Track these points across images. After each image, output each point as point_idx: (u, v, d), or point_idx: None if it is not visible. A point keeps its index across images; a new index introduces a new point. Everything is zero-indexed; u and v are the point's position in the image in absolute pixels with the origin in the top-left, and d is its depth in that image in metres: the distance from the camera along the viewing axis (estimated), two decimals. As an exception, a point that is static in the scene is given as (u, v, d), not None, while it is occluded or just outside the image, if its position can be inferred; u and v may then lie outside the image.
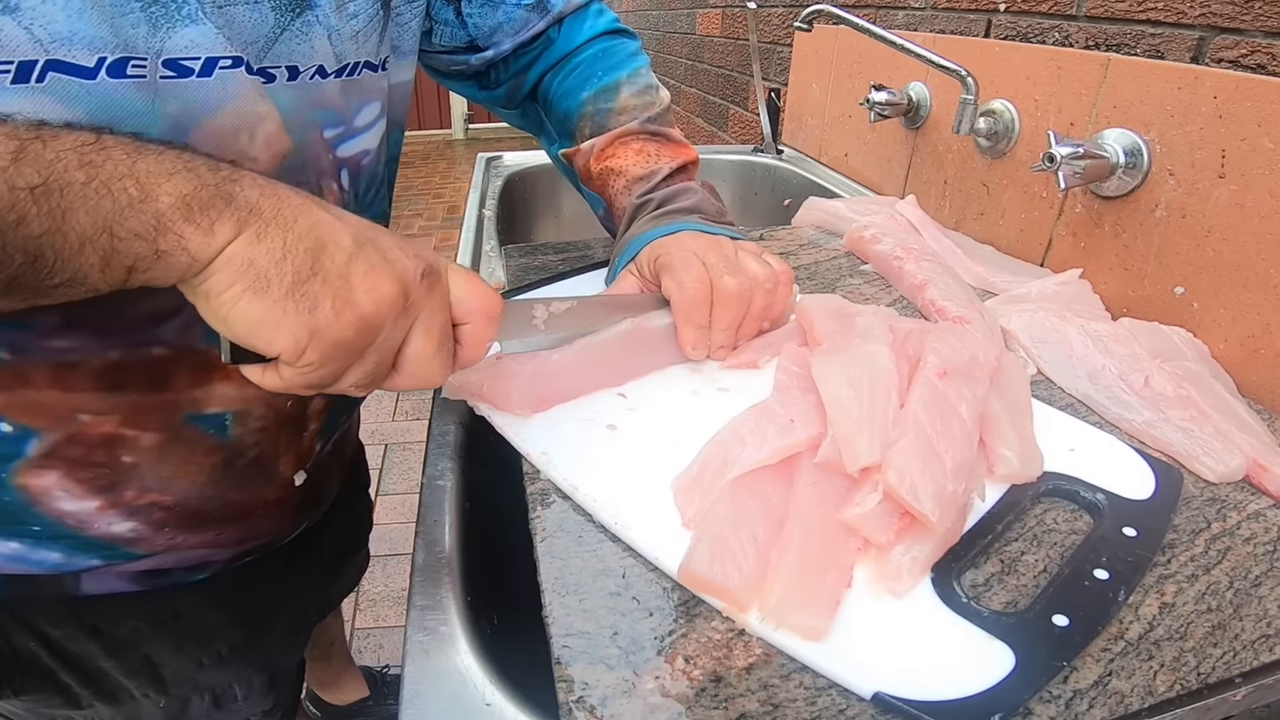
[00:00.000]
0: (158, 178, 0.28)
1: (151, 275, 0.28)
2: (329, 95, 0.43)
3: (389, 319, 0.32)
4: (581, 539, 0.39)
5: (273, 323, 0.29)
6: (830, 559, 0.35)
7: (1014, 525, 0.40)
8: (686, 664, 0.32)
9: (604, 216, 0.65)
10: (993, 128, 0.76)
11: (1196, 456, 0.45)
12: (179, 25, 0.34)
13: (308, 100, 0.42)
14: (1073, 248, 0.70)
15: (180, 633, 0.55)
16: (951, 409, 0.41)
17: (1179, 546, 0.39)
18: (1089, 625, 0.33)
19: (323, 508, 0.63)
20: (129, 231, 0.27)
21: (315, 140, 0.44)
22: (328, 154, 0.45)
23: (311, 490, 0.58)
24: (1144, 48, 0.64)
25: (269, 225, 0.29)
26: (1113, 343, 0.55)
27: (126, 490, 0.45)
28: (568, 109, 0.63)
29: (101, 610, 0.51)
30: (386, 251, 0.32)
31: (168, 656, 0.55)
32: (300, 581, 0.66)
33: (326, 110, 0.44)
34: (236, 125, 0.38)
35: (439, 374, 0.35)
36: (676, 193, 0.58)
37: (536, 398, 0.47)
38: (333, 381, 0.32)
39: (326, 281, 0.30)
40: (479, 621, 0.39)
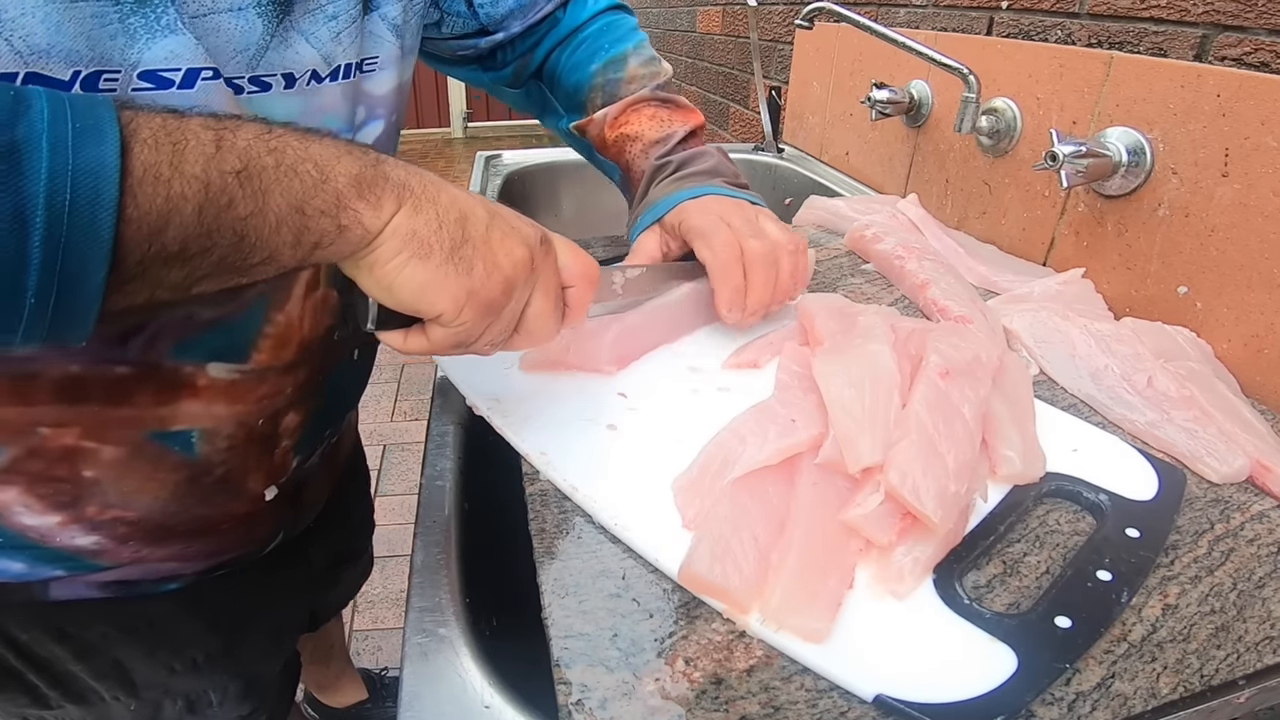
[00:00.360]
0: (330, 160, 0.30)
1: (334, 250, 0.31)
2: (330, 100, 0.43)
3: (522, 279, 0.35)
4: (581, 540, 0.39)
5: (436, 285, 0.33)
6: (832, 560, 0.35)
7: (1016, 526, 0.40)
8: (687, 666, 0.32)
9: (621, 183, 0.66)
10: (995, 126, 0.76)
11: (1200, 457, 0.45)
12: (158, 36, 0.34)
13: (312, 107, 0.42)
14: (1075, 247, 0.70)
15: (152, 639, 0.55)
16: (954, 409, 0.41)
17: (1182, 548, 0.39)
18: (1092, 627, 0.33)
19: (306, 518, 0.63)
20: (316, 210, 0.29)
21: None
22: None
23: (291, 502, 0.57)
24: (1147, 45, 0.64)
25: (421, 199, 0.32)
26: (1116, 343, 0.55)
27: (88, 505, 0.44)
28: (578, 81, 0.64)
29: (70, 615, 0.51)
30: (512, 220, 0.36)
31: (138, 662, 0.55)
32: (282, 591, 0.65)
33: (330, 115, 0.44)
34: None
35: (554, 330, 0.39)
36: (694, 155, 0.59)
37: (621, 355, 0.51)
38: (473, 341, 0.36)
39: (475, 247, 0.34)
40: (478, 623, 0.39)
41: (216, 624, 0.58)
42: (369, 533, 0.90)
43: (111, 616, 0.52)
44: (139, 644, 0.54)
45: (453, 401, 0.55)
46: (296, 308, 0.47)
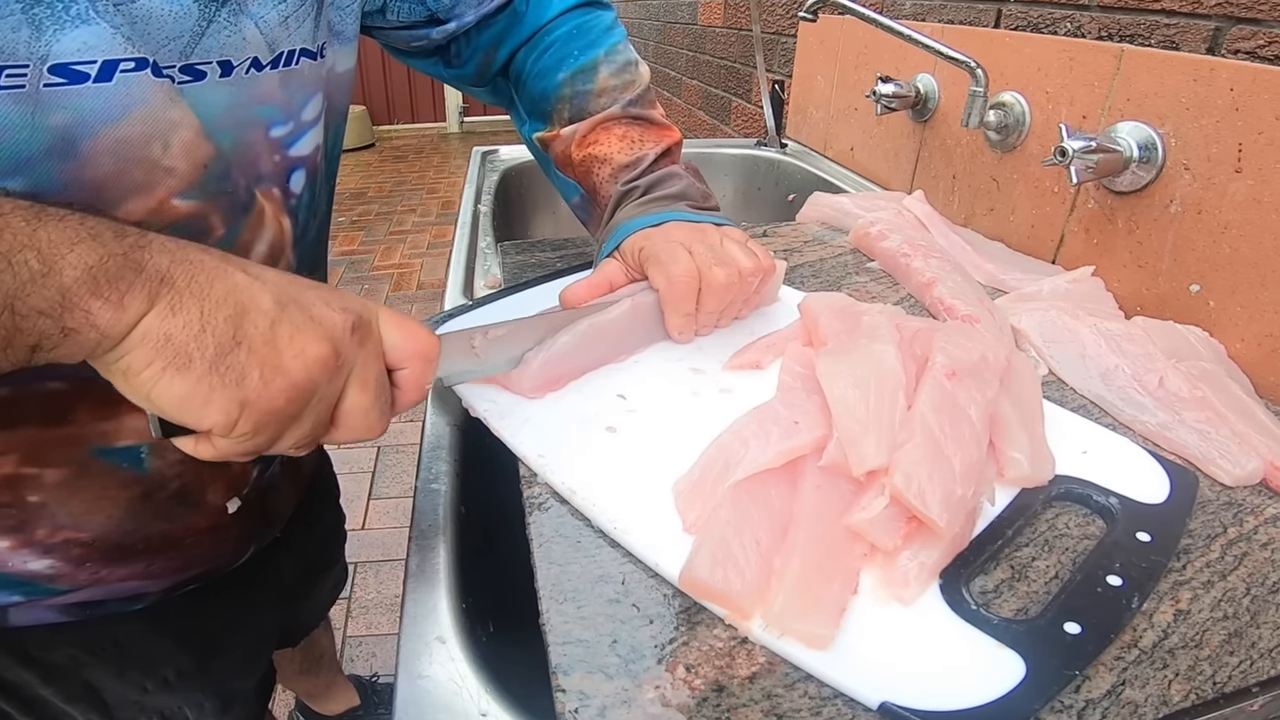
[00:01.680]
0: (60, 247, 0.26)
1: (59, 354, 0.27)
2: (269, 89, 0.42)
3: (322, 380, 0.31)
4: (580, 544, 0.39)
5: (200, 399, 0.28)
6: (835, 565, 0.35)
7: (1025, 530, 0.40)
8: (688, 673, 0.32)
9: (578, 204, 0.63)
10: (1003, 121, 0.76)
11: (1212, 459, 0.45)
12: (68, 27, 0.32)
13: (248, 97, 0.41)
14: (1085, 244, 0.70)
15: (121, 660, 0.54)
16: (960, 411, 0.41)
17: (1194, 552, 0.39)
18: (1102, 633, 0.33)
19: (273, 529, 0.62)
20: (31, 309, 0.25)
21: (257, 141, 0.42)
22: (274, 155, 0.44)
23: (256, 514, 0.56)
24: (1158, 38, 0.64)
25: (183, 295, 0.28)
26: (1126, 342, 0.55)
27: (37, 529, 0.43)
28: (544, 89, 0.61)
29: (34, 639, 0.50)
30: (311, 309, 0.31)
31: (109, 683, 0.54)
32: (254, 605, 0.65)
33: (269, 106, 0.42)
34: (146, 133, 0.36)
35: (378, 425, 0.34)
36: (662, 178, 0.58)
37: (549, 379, 0.49)
38: (271, 446, 0.32)
39: (252, 350, 0.29)
40: (474, 629, 0.39)
41: (187, 641, 0.57)
42: (340, 542, 0.89)
43: (77, 639, 0.51)
44: (108, 665, 0.53)
45: (449, 403, 0.55)
46: None
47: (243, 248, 0.43)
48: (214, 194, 0.40)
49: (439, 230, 3.63)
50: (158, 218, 0.38)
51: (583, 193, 0.61)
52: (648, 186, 0.57)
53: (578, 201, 0.63)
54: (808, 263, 0.76)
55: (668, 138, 0.61)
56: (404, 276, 3.13)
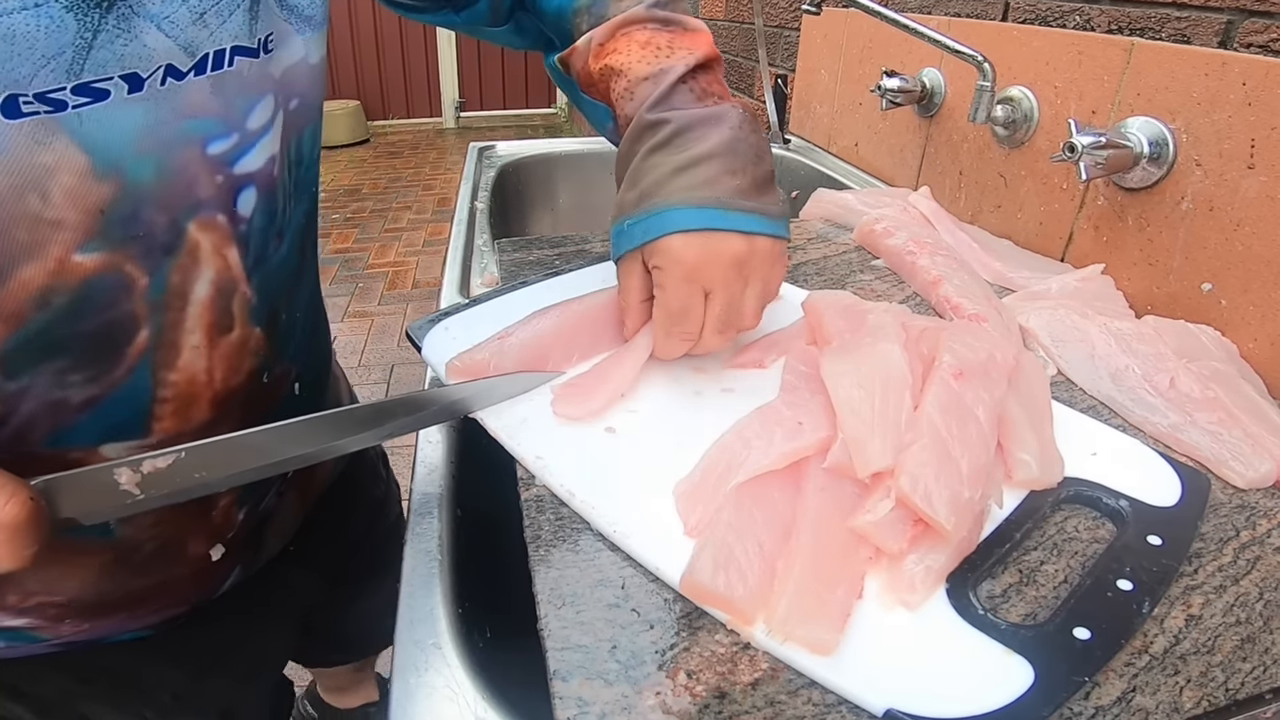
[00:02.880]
0: None
1: None
2: (197, 100, 0.37)
3: None
4: (578, 548, 0.39)
5: None
6: (840, 569, 0.35)
7: (1033, 533, 0.40)
8: (689, 679, 0.32)
9: (611, 131, 0.52)
10: (1010, 116, 0.76)
11: (1225, 461, 0.45)
12: None
13: (170, 111, 0.36)
14: (1094, 242, 0.70)
15: (115, 688, 0.53)
16: (968, 411, 0.41)
17: (1206, 556, 0.39)
18: (1112, 638, 0.33)
19: (266, 554, 0.59)
20: None
21: (190, 163, 0.38)
22: (214, 175, 0.39)
23: (245, 551, 0.54)
24: (1169, 32, 0.64)
25: None
26: (1137, 342, 0.55)
27: (7, 596, 0.42)
28: (559, 6, 0.53)
29: (22, 672, 0.49)
30: None
31: (104, 712, 0.53)
32: (257, 623, 0.63)
33: (201, 119, 0.38)
34: (16, 185, 0.32)
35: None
36: (701, 120, 0.45)
37: (530, 367, 0.48)
38: None
39: None
40: (471, 634, 0.39)
41: (181, 664, 0.56)
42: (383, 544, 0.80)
43: (67, 669, 0.50)
44: (101, 694, 0.52)
45: (445, 403, 0.55)
46: (199, 360, 0.42)
47: (177, 294, 0.40)
48: (121, 240, 0.36)
49: (435, 227, 3.63)
50: (62, 280, 0.35)
51: (615, 117, 0.50)
52: (680, 129, 0.45)
53: (611, 128, 0.52)
54: (811, 260, 0.76)
55: (701, 46, 0.48)
56: (399, 275, 3.13)
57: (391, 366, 2.41)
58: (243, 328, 0.44)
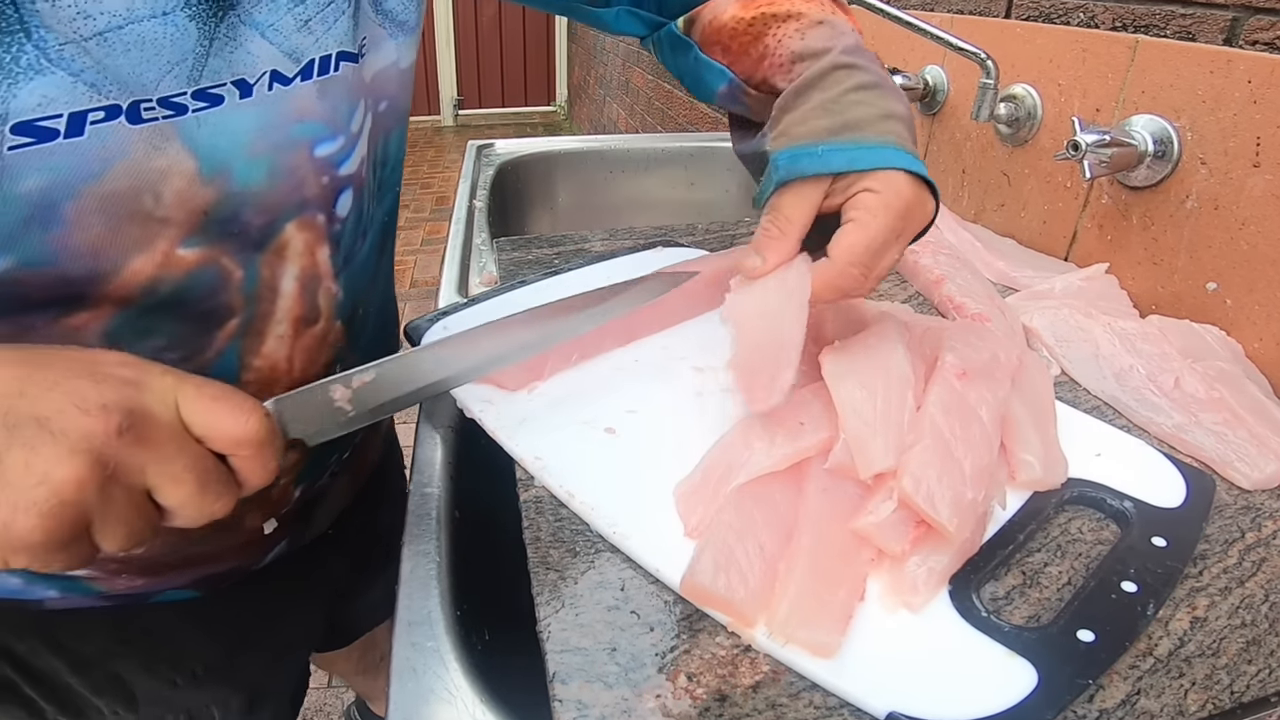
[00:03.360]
0: None
1: None
2: (305, 104, 0.39)
3: (88, 498, 0.26)
4: (578, 549, 0.39)
5: None
6: (842, 571, 0.35)
7: (1036, 535, 0.40)
8: (689, 682, 0.32)
9: (725, 94, 0.49)
10: (1014, 114, 0.76)
11: (1230, 462, 0.45)
12: (21, 79, 0.29)
13: (279, 115, 0.38)
14: (1099, 241, 0.70)
15: (151, 651, 0.55)
16: (971, 412, 0.41)
17: (1211, 557, 0.39)
18: (1116, 641, 0.33)
19: (316, 529, 0.61)
20: None
21: (300, 164, 0.40)
22: (321, 177, 0.41)
23: (299, 520, 0.56)
24: (1174, 29, 0.64)
25: None
26: (1141, 341, 0.55)
27: None
28: None
29: (67, 626, 0.51)
30: (51, 422, 0.26)
31: (138, 675, 0.55)
32: (294, 602, 0.64)
33: (309, 123, 0.39)
34: (134, 187, 0.34)
35: (223, 508, 0.31)
36: (889, 82, 0.43)
37: (528, 366, 0.48)
38: (82, 560, 0.28)
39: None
40: (469, 637, 0.39)
41: (217, 634, 0.58)
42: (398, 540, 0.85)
43: (109, 628, 0.52)
44: (137, 656, 0.54)
45: (443, 403, 0.55)
46: (281, 349, 0.44)
47: (267, 287, 0.42)
48: (218, 236, 0.38)
49: (433, 227, 3.63)
50: (169, 271, 0.37)
51: (733, 79, 0.48)
52: (880, 81, 0.42)
53: (724, 90, 0.49)
54: (813, 260, 0.76)
55: (856, 26, 0.47)
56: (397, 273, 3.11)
57: (389, 366, 2.41)
58: (326, 321, 0.46)
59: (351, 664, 1.00)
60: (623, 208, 1.26)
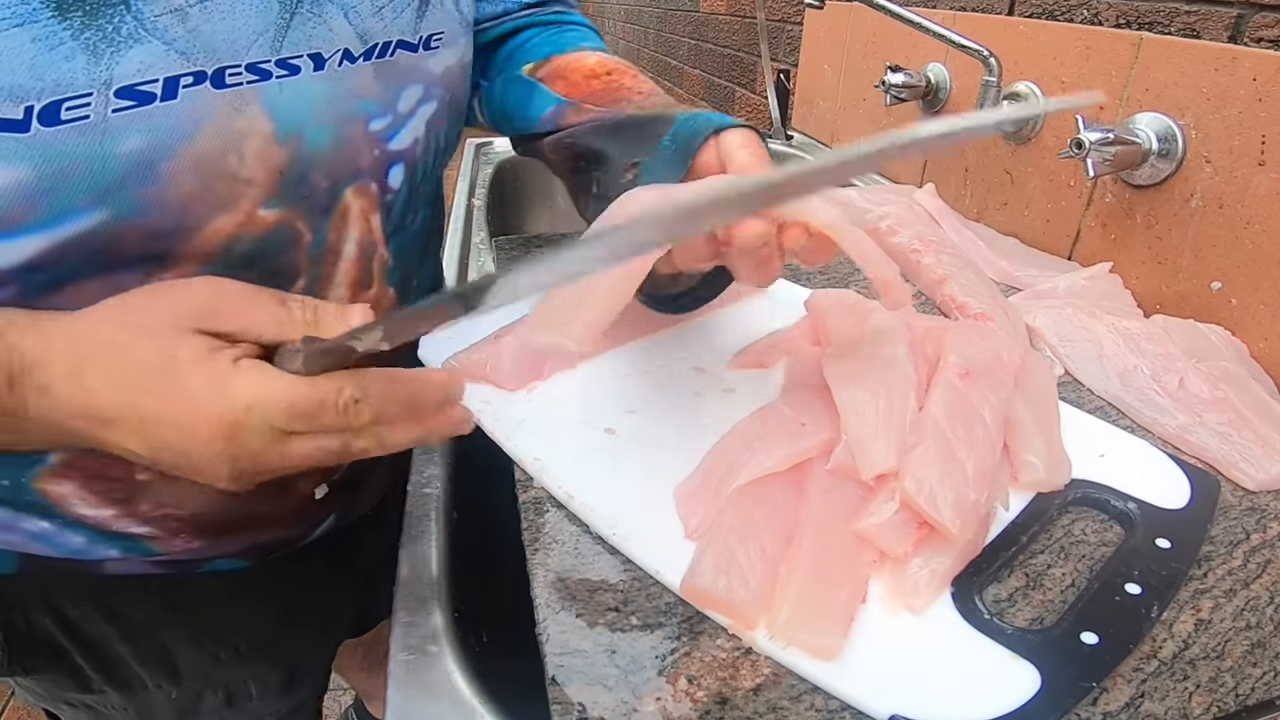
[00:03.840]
0: None
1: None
2: (364, 82, 0.43)
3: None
4: (577, 551, 0.39)
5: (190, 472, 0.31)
6: (843, 572, 0.35)
7: (1040, 536, 0.40)
8: (690, 685, 0.32)
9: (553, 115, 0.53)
10: (1017, 112, 0.76)
11: (1234, 463, 0.45)
12: (123, 48, 0.33)
13: (345, 90, 0.42)
14: (1102, 240, 0.70)
15: (198, 623, 0.57)
16: (974, 412, 0.41)
17: (1216, 559, 0.39)
18: (1120, 643, 0.33)
19: (361, 508, 0.63)
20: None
21: (357, 135, 0.43)
22: (373, 149, 0.45)
23: (343, 495, 0.58)
24: (1178, 26, 0.64)
25: None
26: (1145, 341, 0.55)
27: (141, 504, 0.46)
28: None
29: (121, 593, 0.53)
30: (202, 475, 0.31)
31: (183, 646, 0.57)
32: (333, 582, 0.67)
33: (366, 100, 0.43)
34: (221, 147, 0.37)
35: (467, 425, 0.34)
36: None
37: (528, 365, 0.48)
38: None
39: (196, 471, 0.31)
40: (468, 639, 0.39)
41: (262, 608, 0.60)
42: None
43: (161, 596, 0.54)
44: (184, 627, 0.56)
45: (441, 404, 0.55)
46: None
47: (331, 250, 0.45)
48: (294, 199, 0.41)
49: (431, 225, 3.62)
50: (248, 230, 0.40)
51: (566, 101, 0.52)
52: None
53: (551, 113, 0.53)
54: (814, 259, 0.76)
55: None
56: (395, 273, 3.11)
57: (387, 366, 2.40)
58: (379, 286, 0.49)
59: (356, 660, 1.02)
60: (622, 206, 1.25)
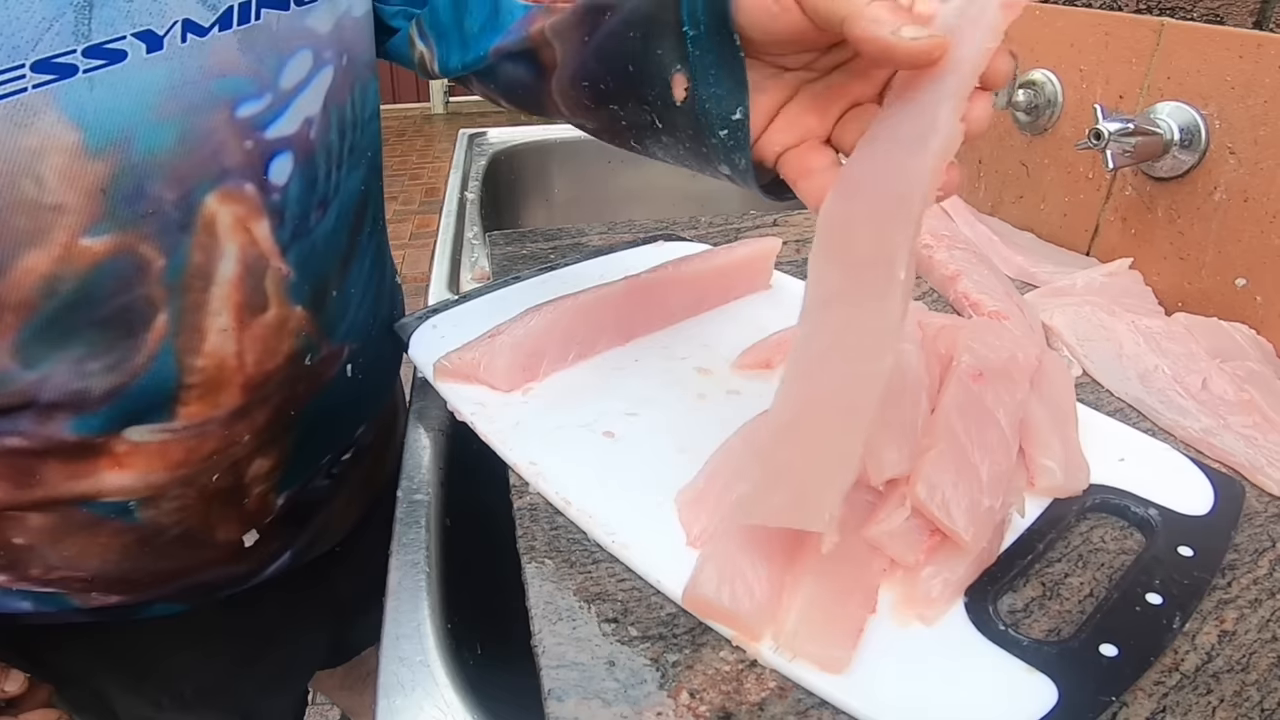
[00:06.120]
0: None
1: None
2: (226, 58, 0.36)
3: None
4: (575, 559, 0.39)
5: None
6: (852, 582, 0.35)
7: (1057, 544, 0.40)
8: (692, 699, 0.32)
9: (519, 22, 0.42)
10: (1033, 101, 0.76)
11: (1260, 467, 0.45)
12: None
13: (197, 71, 0.35)
14: (1122, 235, 0.70)
15: (135, 670, 0.54)
16: (988, 414, 0.41)
17: (1240, 568, 0.39)
18: (1140, 656, 0.33)
19: (325, 541, 0.59)
20: None
21: (218, 127, 0.37)
22: (243, 141, 0.39)
23: (286, 534, 0.55)
24: (1201, 11, 0.64)
25: None
26: (1166, 340, 0.55)
27: (30, 569, 0.44)
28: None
29: (46, 641, 0.50)
30: None
31: (120, 695, 0.54)
32: (297, 621, 0.63)
33: (231, 78, 0.36)
34: (8, 174, 0.32)
35: None
36: None
37: (523, 365, 0.47)
38: None
39: None
40: (461, 651, 0.39)
41: (210, 653, 0.56)
42: None
43: (91, 644, 0.51)
44: (121, 674, 0.53)
45: (433, 405, 0.55)
46: (227, 344, 0.42)
47: (198, 274, 0.39)
48: (130, 219, 0.35)
49: (422, 220, 3.63)
50: (69, 266, 0.34)
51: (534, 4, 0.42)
52: None
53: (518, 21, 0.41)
54: (822, 254, 0.76)
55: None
56: (384, 269, 3.12)
57: (376, 367, 2.41)
58: (280, 307, 0.43)
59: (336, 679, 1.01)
60: (622, 200, 1.26)
